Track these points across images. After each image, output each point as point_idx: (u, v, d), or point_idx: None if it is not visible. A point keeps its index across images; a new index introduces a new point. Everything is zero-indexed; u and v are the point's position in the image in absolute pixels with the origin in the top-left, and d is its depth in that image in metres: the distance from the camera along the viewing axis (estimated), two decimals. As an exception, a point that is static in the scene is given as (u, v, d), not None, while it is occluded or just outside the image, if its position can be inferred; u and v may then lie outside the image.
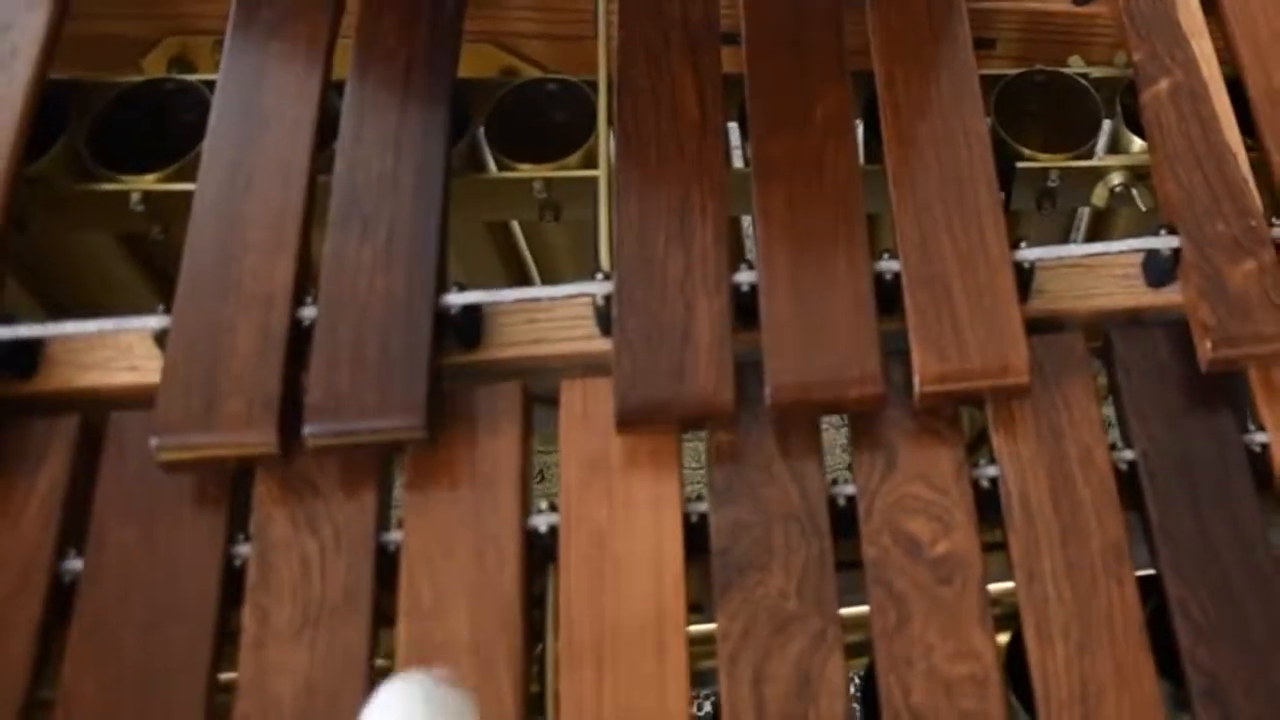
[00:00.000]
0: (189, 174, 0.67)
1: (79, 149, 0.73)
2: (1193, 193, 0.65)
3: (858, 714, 0.71)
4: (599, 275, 0.63)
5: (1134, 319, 0.67)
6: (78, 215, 0.72)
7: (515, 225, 0.83)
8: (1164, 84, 0.68)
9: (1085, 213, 0.88)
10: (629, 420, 0.60)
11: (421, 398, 0.60)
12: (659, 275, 0.63)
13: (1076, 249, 0.65)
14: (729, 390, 0.60)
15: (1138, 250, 0.65)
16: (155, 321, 0.62)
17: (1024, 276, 0.64)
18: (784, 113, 0.67)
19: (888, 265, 0.63)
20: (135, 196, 0.71)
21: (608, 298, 0.62)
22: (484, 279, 0.84)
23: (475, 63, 0.77)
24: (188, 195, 0.65)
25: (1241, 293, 0.63)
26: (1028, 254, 0.64)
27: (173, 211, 0.67)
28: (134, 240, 0.78)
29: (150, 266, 0.81)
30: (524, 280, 0.88)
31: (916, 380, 0.61)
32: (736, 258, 0.64)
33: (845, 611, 0.59)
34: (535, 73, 0.78)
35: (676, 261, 0.63)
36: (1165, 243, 0.64)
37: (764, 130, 0.67)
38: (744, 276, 0.63)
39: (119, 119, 0.75)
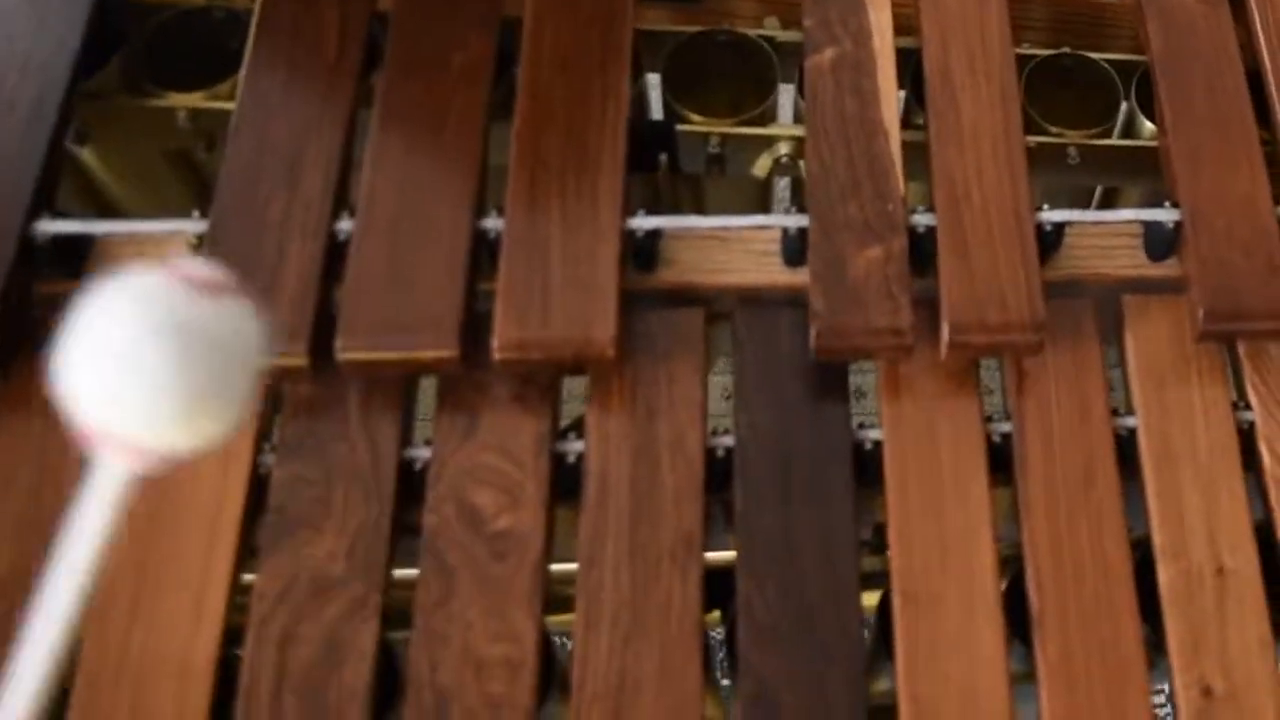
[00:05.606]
0: None
1: None
2: (833, 170, 0.61)
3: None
4: (195, 214, 0.61)
5: (794, 299, 0.64)
6: None
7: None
8: (829, 53, 0.64)
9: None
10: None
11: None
12: (257, 218, 0.60)
13: (704, 221, 0.61)
14: (303, 342, 0.58)
15: (771, 227, 0.62)
16: None
17: (639, 245, 0.60)
18: (421, 57, 0.64)
19: (494, 224, 0.60)
20: None
21: (201, 237, 0.60)
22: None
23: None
24: None
25: (860, 280, 0.59)
26: (644, 222, 0.60)
27: None
28: None
29: None
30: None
31: (494, 345, 0.58)
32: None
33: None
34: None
35: (278, 204, 0.61)
36: (795, 221, 0.61)
37: (397, 74, 0.63)
38: (345, 225, 0.60)
39: None
